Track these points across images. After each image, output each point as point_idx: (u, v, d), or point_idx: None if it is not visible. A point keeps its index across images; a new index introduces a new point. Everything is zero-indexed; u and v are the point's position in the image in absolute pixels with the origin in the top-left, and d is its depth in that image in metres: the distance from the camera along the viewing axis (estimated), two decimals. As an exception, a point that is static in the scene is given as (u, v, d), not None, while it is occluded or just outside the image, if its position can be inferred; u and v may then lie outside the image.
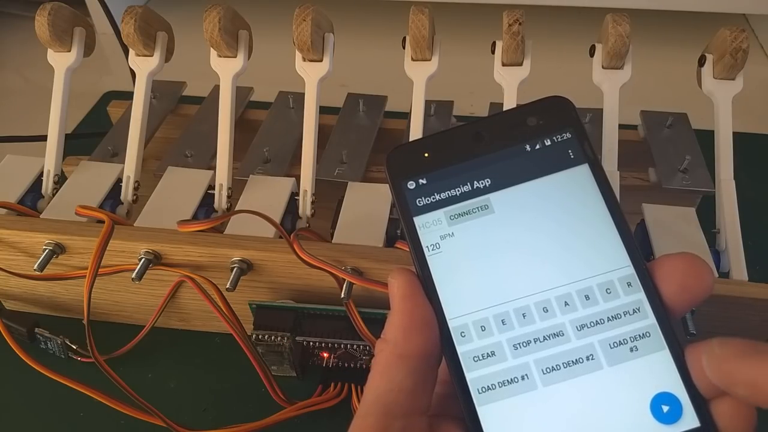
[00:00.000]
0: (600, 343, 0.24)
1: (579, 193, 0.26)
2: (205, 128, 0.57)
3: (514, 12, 0.45)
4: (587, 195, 0.26)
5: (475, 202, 0.26)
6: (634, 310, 0.24)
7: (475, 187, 0.26)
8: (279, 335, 0.42)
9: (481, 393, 0.24)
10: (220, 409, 0.46)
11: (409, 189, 0.27)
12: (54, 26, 0.49)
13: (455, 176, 0.27)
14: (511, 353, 0.24)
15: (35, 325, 0.48)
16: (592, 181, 0.26)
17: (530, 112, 0.27)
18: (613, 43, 0.44)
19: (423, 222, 0.26)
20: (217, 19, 0.45)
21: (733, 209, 0.44)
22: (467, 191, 0.26)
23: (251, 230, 0.45)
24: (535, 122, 0.27)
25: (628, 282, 0.24)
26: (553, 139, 0.27)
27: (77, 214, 0.45)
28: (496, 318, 0.25)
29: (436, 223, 0.26)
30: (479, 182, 0.26)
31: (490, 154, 0.27)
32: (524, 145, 0.27)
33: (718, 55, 0.46)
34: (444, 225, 0.26)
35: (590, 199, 0.26)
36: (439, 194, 0.27)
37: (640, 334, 0.24)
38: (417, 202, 0.27)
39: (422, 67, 0.48)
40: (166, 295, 0.47)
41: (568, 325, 0.24)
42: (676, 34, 0.84)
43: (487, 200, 0.26)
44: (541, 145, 0.27)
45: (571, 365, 0.24)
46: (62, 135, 0.50)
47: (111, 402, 0.42)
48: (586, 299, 0.24)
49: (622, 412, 0.23)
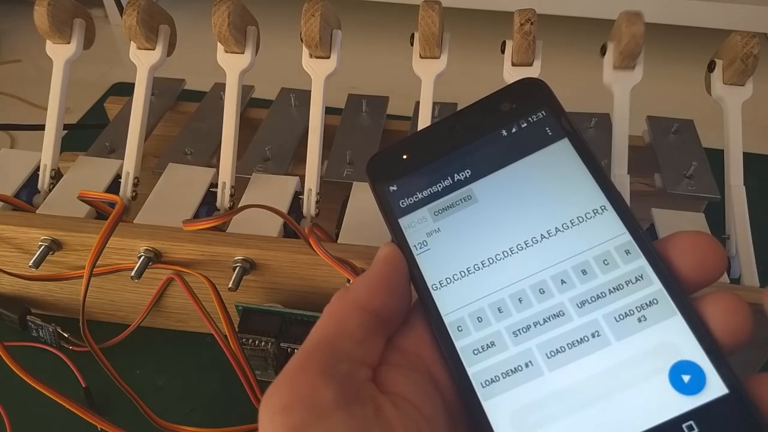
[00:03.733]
0: (604, 317, 0.23)
1: (562, 168, 0.25)
2: (205, 126, 0.56)
3: (526, 12, 0.44)
4: (571, 168, 0.25)
5: (458, 194, 0.26)
6: (636, 278, 0.23)
7: (456, 180, 0.26)
8: (263, 340, 0.41)
9: (485, 386, 0.23)
10: (207, 411, 0.45)
11: (391, 192, 0.27)
12: (53, 17, 0.47)
13: (435, 173, 0.27)
14: (512, 341, 0.23)
15: (27, 312, 0.47)
16: (573, 154, 0.25)
17: (502, 98, 0.27)
18: (626, 43, 0.44)
19: (408, 222, 0.26)
20: (227, 14, 0.44)
21: (743, 215, 0.44)
22: (448, 185, 0.26)
23: (254, 230, 0.44)
24: (509, 107, 0.27)
25: (626, 250, 0.23)
26: (528, 120, 0.26)
27: (81, 197, 0.43)
28: (491, 307, 0.24)
29: (421, 221, 0.26)
30: (460, 174, 0.26)
31: (467, 145, 0.27)
32: (500, 130, 0.26)
33: (728, 61, 0.46)
34: (429, 222, 0.26)
35: (574, 172, 0.25)
36: (422, 193, 0.26)
37: (647, 302, 0.22)
38: (400, 203, 0.27)
39: (431, 64, 0.47)
40: (157, 291, 0.46)
41: (567, 303, 0.23)
42: (680, 48, 0.84)
43: (469, 191, 0.26)
44: (517, 128, 0.26)
45: (576, 345, 0.22)
46: (60, 129, 0.49)
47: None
48: (584, 274, 0.23)
49: (639, 388, 0.21)
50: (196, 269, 0.43)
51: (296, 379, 0.22)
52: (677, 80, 0.76)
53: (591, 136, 0.55)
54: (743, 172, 0.45)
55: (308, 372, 0.22)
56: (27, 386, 0.40)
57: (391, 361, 0.24)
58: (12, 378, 0.40)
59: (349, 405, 0.21)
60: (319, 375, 0.22)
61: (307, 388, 0.21)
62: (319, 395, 0.21)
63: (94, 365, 0.41)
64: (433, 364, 0.25)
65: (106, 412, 0.44)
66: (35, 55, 0.85)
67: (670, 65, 0.78)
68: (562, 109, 0.26)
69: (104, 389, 0.44)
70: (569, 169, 0.25)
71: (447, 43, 0.48)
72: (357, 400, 0.22)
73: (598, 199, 0.24)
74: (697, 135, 0.55)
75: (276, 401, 0.21)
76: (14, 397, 0.42)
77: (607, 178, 0.25)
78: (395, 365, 0.24)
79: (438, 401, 0.24)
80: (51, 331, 0.47)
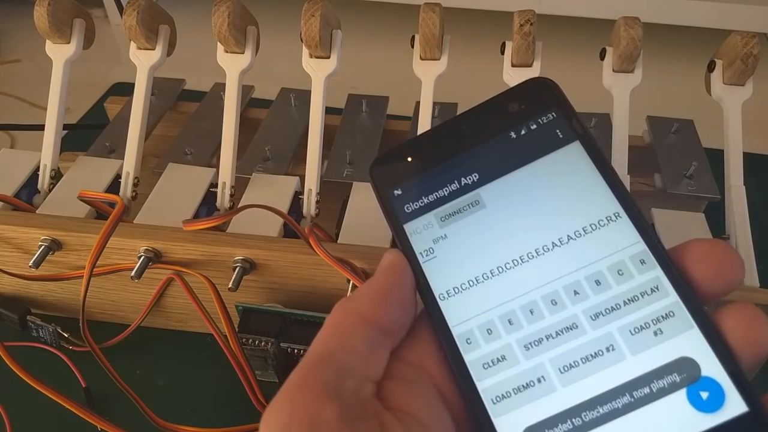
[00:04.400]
0: (619, 330, 0.22)
1: (574, 172, 0.24)
2: (205, 126, 0.56)
3: (526, 12, 0.45)
4: (583, 173, 0.24)
5: (465, 199, 0.25)
6: (652, 290, 0.22)
7: (464, 184, 0.25)
8: (263, 340, 0.41)
9: (495, 403, 0.22)
10: (207, 411, 0.45)
11: (395, 196, 0.26)
12: (53, 17, 0.47)
13: (441, 176, 0.25)
14: (523, 355, 0.22)
15: (27, 312, 0.47)
16: (585, 158, 0.24)
17: (510, 99, 0.26)
18: (624, 46, 0.44)
19: (414, 228, 0.25)
20: (227, 14, 0.44)
21: (743, 215, 0.44)
22: (455, 189, 0.25)
23: (254, 230, 0.44)
24: (517, 108, 0.26)
25: (641, 259, 0.22)
26: (538, 121, 0.25)
27: (81, 197, 0.43)
28: (502, 318, 0.23)
29: (427, 227, 0.25)
30: (467, 178, 0.25)
31: (474, 148, 0.26)
32: (509, 132, 0.25)
33: (728, 61, 0.46)
34: (435, 228, 0.25)
35: (587, 177, 0.24)
36: (427, 197, 0.25)
37: (663, 315, 0.21)
38: (405, 208, 0.25)
39: (431, 66, 0.47)
40: (157, 291, 0.46)
41: (581, 315, 0.22)
42: (680, 48, 0.84)
43: (477, 195, 0.25)
44: (526, 130, 0.25)
45: (590, 359, 0.22)
46: (60, 129, 0.49)
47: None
48: (597, 284, 0.22)
49: (656, 405, 0.20)
50: (196, 269, 0.43)
51: (297, 396, 0.21)
52: (677, 80, 0.76)
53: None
54: (743, 172, 0.46)
55: (309, 388, 0.21)
56: (27, 386, 0.40)
57: (396, 375, 0.23)
58: (12, 378, 0.40)
59: (353, 423, 0.20)
60: (321, 392, 0.21)
61: (308, 405, 0.21)
62: (321, 413, 0.20)
63: (94, 365, 0.41)
64: (440, 378, 0.23)
65: (106, 412, 0.44)
66: (35, 55, 0.85)
67: (670, 65, 0.78)
68: (573, 111, 0.25)
69: (104, 389, 0.44)
70: (581, 173, 0.24)
71: (447, 45, 0.48)
72: (361, 417, 0.21)
73: (611, 205, 0.23)
74: (697, 135, 0.55)
75: (276, 420, 0.21)
76: (14, 397, 0.42)
77: (621, 183, 0.24)
78: (400, 379, 0.23)
79: (446, 417, 0.23)
80: (51, 331, 0.46)
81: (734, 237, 0.43)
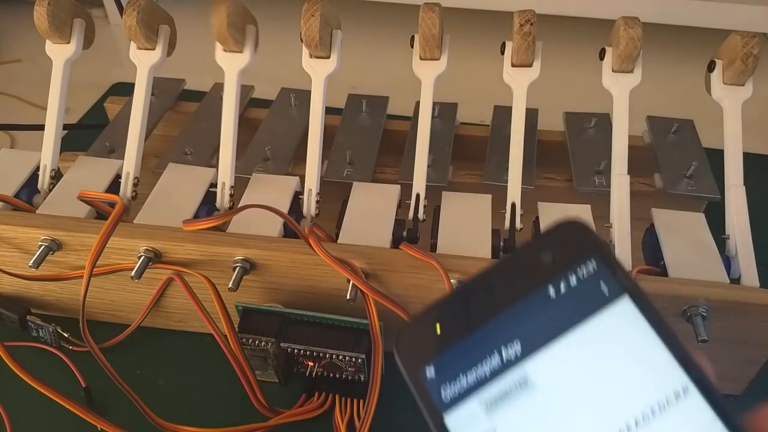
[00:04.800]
0: None
1: (627, 336, 0.21)
2: (205, 126, 0.56)
3: (526, 12, 0.45)
4: (638, 336, 0.21)
5: (511, 378, 0.21)
6: None
7: (506, 358, 0.21)
8: (264, 340, 0.41)
9: None
10: (207, 411, 0.45)
11: (428, 379, 0.21)
12: (53, 17, 0.47)
13: (477, 348, 0.21)
14: None
15: (27, 312, 0.47)
16: (638, 316, 0.21)
17: (542, 247, 0.22)
18: (624, 45, 0.44)
19: (456, 421, 0.20)
20: (226, 13, 0.44)
21: (743, 215, 0.44)
22: (498, 365, 0.21)
23: (254, 230, 0.44)
24: (551, 258, 0.22)
25: None
26: (577, 274, 0.22)
27: (81, 197, 0.43)
28: None
29: (473, 419, 0.20)
30: (508, 349, 0.21)
31: (510, 309, 0.22)
32: (546, 289, 0.22)
33: (728, 61, 0.46)
34: (482, 419, 0.20)
35: (643, 342, 0.20)
36: (466, 376, 0.21)
37: None
38: (442, 393, 0.21)
39: (431, 66, 0.47)
40: (157, 291, 0.46)
41: None
42: (680, 48, 0.84)
43: (523, 372, 0.21)
44: (566, 285, 0.22)
45: None
46: (60, 129, 0.49)
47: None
48: None
49: None
50: (196, 269, 0.43)
51: None
52: (677, 80, 0.75)
53: (591, 136, 0.55)
54: (743, 172, 0.45)
55: None
56: (27, 386, 0.40)
57: None
58: (12, 378, 0.40)
59: None
60: None
61: None
62: None
63: (94, 365, 0.41)
64: None
65: (106, 412, 0.44)
66: (35, 55, 0.85)
67: (670, 65, 0.78)
68: (615, 258, 0.22)
69: (104, 389, 0.44)
70: (636, 337, 0.21)
71: (447, 45, 0.48)
72: None
73: (676, 376, 0.20)
74: (697, 135, 0.55)
75: None
76: (14, 397, 0.43)
77: (682, 345, 0.20)
78: None
79: None
80: (51, 331, 0.47)
81: (734, 237, 0.43)
